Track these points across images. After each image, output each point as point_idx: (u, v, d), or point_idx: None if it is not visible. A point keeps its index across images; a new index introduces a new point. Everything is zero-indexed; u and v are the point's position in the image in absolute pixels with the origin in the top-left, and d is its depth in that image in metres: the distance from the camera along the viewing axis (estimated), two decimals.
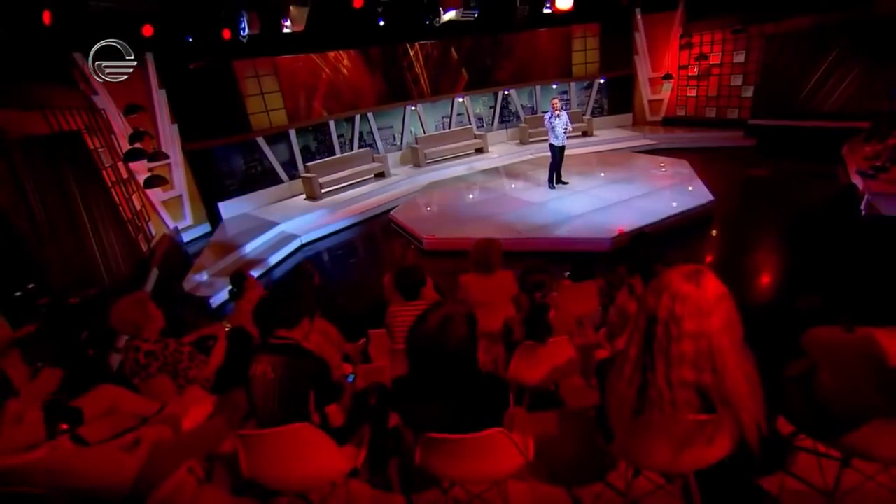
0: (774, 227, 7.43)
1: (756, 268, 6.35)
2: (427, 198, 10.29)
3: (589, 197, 8.70)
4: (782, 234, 7.08)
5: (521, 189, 9.76)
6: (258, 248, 8.65)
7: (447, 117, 13.76)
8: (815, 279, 5.56)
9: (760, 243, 7.04)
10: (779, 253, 6.59)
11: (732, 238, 7.22)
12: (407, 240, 8.43)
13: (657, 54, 13.35)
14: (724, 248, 6.97)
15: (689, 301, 1.54)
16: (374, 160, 11.95)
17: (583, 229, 7.41)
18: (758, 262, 6.48)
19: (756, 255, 6.68)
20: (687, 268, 1.62)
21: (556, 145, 9.10)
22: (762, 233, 7.35)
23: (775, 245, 6.87)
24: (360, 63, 11.90)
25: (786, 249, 6.57)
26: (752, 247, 6.93)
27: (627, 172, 10.07)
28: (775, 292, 5.54)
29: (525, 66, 13.63)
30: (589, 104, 14.46)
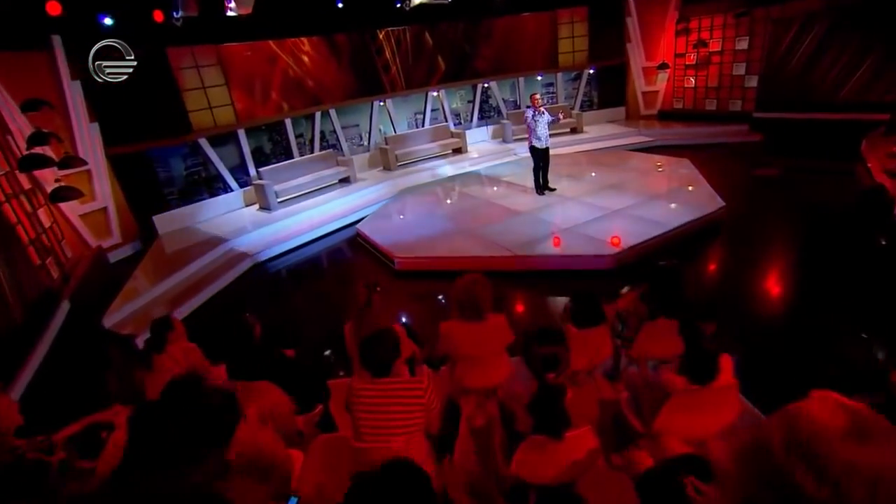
0: (795, 236, 6.95)
1: (780, 286, 5.79)
2: (399, 207, 9.66)
3: (582, 205, 8.19)
4: (805, 245, 6.59)
5: (505, 196, 9.18)
6: (202, 270, 7.85)
7: (420, 114, 13.14)
8: (848, 297, 5.04)
9: (782, 257, 6.53)
10: (803, 268, 6.06)
11: (749, 251, 6.70)
12: (376, 258, 7.71)
13: (651, 41, 13.06)
14: (741, 264, 6.41)
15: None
16: (337, 164, 11.28)
17: (579, 243, 6.87)
18: (781, 280, 5.93)
19: (779, 271, 6.14)
20: (841, 412, 0.92)
21: (539, 147, 8.49)
22: (782, 244, 6.87)
23: (799, 258, 6.35)
24: (324, 52, 11.23)
25: (811, 263, 6.05)
26: (772, 261, 6.42)
27: (623, 174, 9.61)
28: (802, 315, 4.99)
29: (506, 56, 13.16)
30: (577, 97, 14.10)
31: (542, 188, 8.87)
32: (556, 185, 9.08)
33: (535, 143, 8.54)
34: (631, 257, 6.46)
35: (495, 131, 13.71)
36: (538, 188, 8.88)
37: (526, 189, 9.29)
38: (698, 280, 6.12)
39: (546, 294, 6.27)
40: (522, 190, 9.34)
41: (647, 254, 6.51)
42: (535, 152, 8.63)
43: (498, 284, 3.74)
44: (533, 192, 8.94)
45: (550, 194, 8.83)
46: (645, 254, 6.52)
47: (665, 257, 5.96)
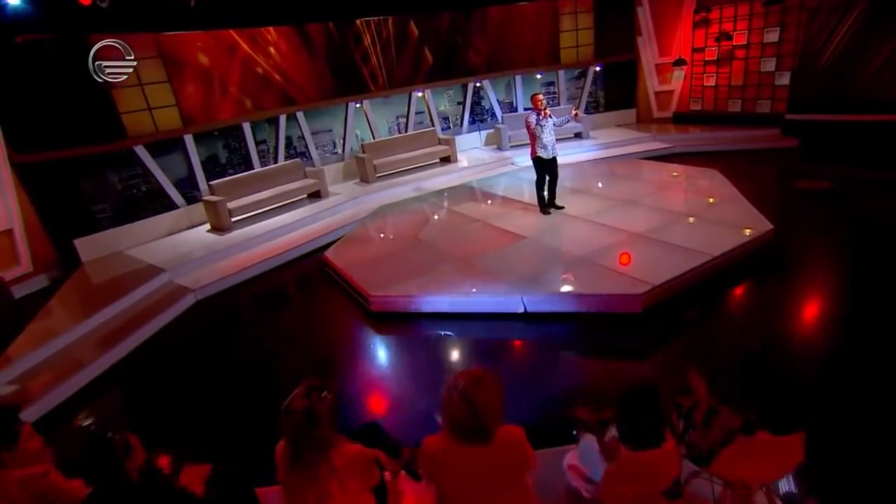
0: (866, 266, 5.85)
1: (855, 329, 4.65)
2: (376, 229, 8.58)
3: (595, 227, 7.18)
4: (883, 278, 5.50)
5: (503, 215, 8.13)
6: (130, 309, 6.70)
7: (403, 117, 12.22)
8: None
9: (852, 292, 5.38)
10: (884, 306, 4.97)
11: (810, 286, 5.63)
12: (348, 294, 6.58)
13: (666, 35, 12.41)
14: (802, 304, 5.32)
15: None
16: (305, 175, 10.28)
17: (595, 278, 5.78)
18: (856, 322, 4.78)
19: (851, 311, 4.98)
20: None
21: (545, 158, 7.52)
22: (851, 276, 5.75)
23: (877, 294, 5.24)
24: (295, 43, 10.25)
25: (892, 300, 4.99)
26: (841, 298, 5.29)
27: (640, 188, 8.67)
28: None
29: (501, 51, 12.38)
30: (582, 98, 13.32)
31: (548, 206, 7.90)
32: (563, 201, 8.08)
33: (541, 153, 7.55)
34: (662, 296, 5.39)
35: (489, 137, 12.87)
36: (542, 206, 7.90)
37: (527, 207, 8.29)
38: (749, 329, 5.02)
39: (557, 347, 5.14)
40: (523, 208, 8.34)
41: (682, 292, 5.48)
42: (540, 164, 7.65)
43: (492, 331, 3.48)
44: (535, 209, 7.94)
45: (557, 213, 7.85)
46: (680, 292, 5.48)
47: (702, 299, 4.87)
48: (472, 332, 5.52)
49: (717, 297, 5.54)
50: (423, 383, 4.75)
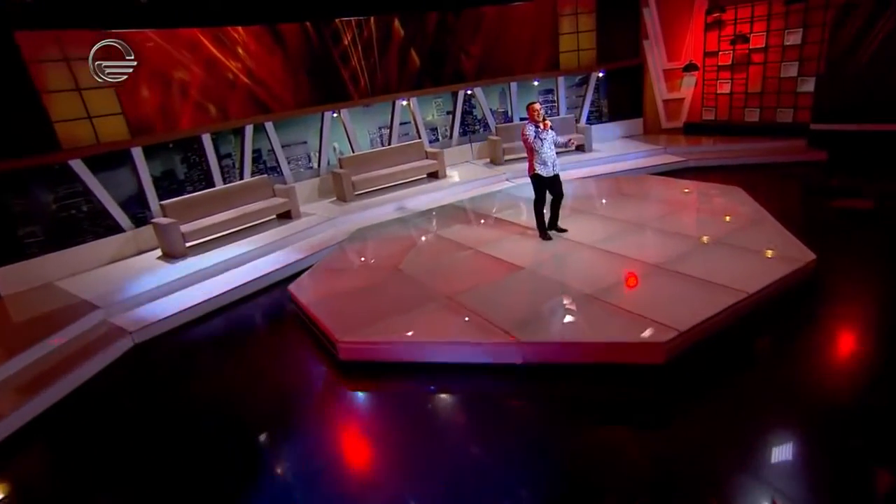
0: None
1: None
2: (351, 257, 7.76)
3: (603, 257, 6.37)
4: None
5: (497, 240, 7.36)
6: (56, 352, 5.90)
7: (386, 127, 11.70)
8: None
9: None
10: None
11: (866, 329, 4.79)
12: (315, 337, 5.75)
13: (675, 38, 12.02)
14: (858, 353, 4.47)
15: None
16: (274, 194, 9.53)
17: (607, 320, 4.92)
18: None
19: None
20: None
21: (546, 176, 6.85)
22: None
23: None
24: (267, 44, 9.65)
25: None
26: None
27: (652, 209, 7.91)
28: None
29: (495, 55, 11.92)
30: (583, 107, 12.83)
31: (549, 229, 7.18)
32: (565, 223, 7.37)
33: (540, 170, 6.85)
34: (689, 343, 4.56)
35: (482, 150, 12.23)
36: (542, 230, 7.15)
37: (525, 231, 7.53)
38: (803, 388, 4.18)
39: (561, 408, 4.27)
40: (520, 231, 7.57)
41: (712, 338, 4.65)
42: (540, 182, 6.94)
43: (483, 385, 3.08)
44: (534, 233, 7.21)
45: (559, 238, 7.09)
46: (709, 339, 4.65)
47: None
48: (458, 387, 4.70)
49: (754, 344, 4.70)
50: (397, 456, 3.90)
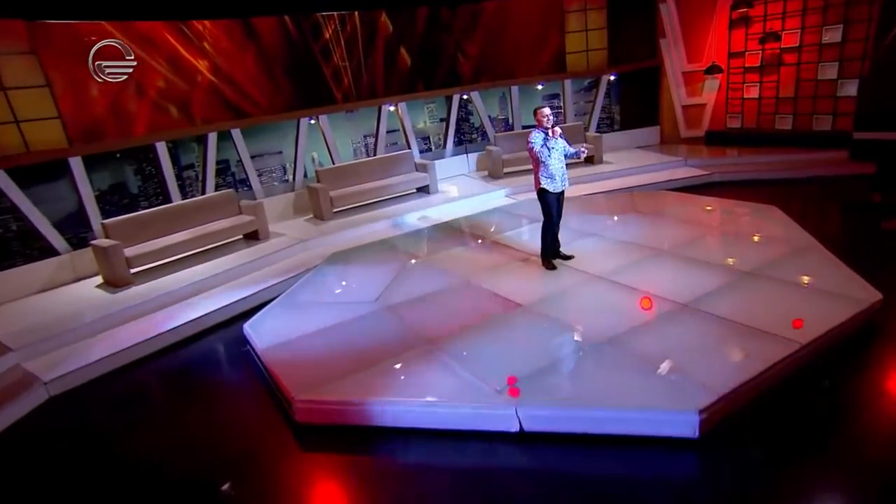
0: None
1: None
2: (322, 289, 6.97)
3: (618, 293, 5.63)
4: None
5: (493, 269, 6.66)
6: None
7: (372, 136, 11.11)
8: None
9: None
10: None
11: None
12: (270, 389, 4.98)
13: (696, 36, 11.61)
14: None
15: None
16: (240, 211, 8.85)
17: (627, 380, 4.08)
18: None
19: None
20: None
21: (553, 192, 6.25)
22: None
23: None
24: (238, 39, 9.16)
25: None
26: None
27: (674, 232, 7.23)
28: None
29: (494, 56, 11.49)
30: (593, 114, 12.36)
31: (553, 257, 6.52)
32: (571, 248, 6.71)
33: (548, 185, 6.19)
34: (729, 410, 3.78)
35: (480, 161, 11.73)
36: (546, 258, 6.46)
37: (526, 257, 6.81)
38: None
39: (566, 490, 3.42)
40: (521, 258, 6.85)
41: (757, 403, 3.89)
42: (548, 200, 6.28)
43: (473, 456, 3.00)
44: (536, 261, 6.56)
45: (564, 267, 6.41)
46: (754, 403, 3.88)
47: None
48: (441, 458, 3.88)
49: (810, 411, 3.84)
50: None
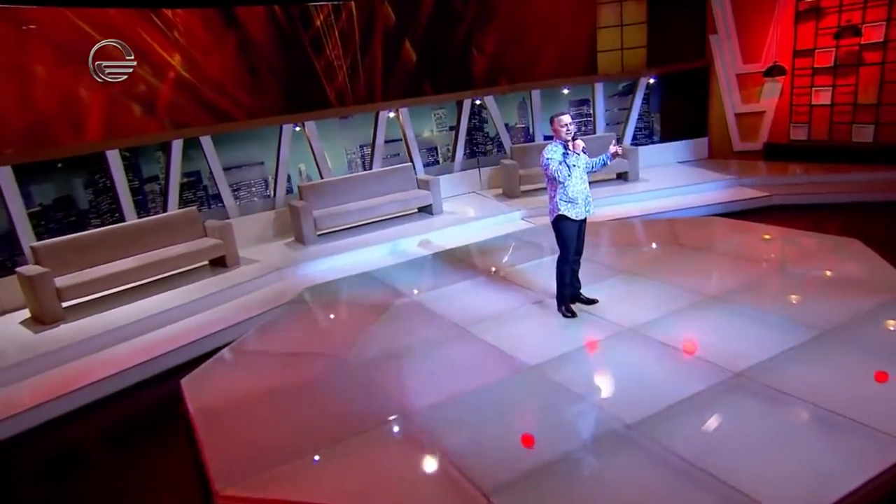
0: None
1: None
2: (285, 334, 6.39)
3: (653, 350, 5.00)
4: None
5: (497, 315, 5.98)
6: None
7: (367, 145, 10.79)
8: None
9: None
10: None
11: None
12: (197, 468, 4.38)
13: (754, 31, 11.09)
14: None
15: None
16: (205, 233, 8.32)
17: (673, 487, 3.28)
18: None
19: None
20: None
21: (574, 219, 5.60)
22: None
23: None
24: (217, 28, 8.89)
25: None
26: None
27: (728, 271, 6.71)
28: None
29: (514, 54, 11.18)
30: (628, 123, 11.88)
31: (573, 301, 5.86)
32: (595, 289, 6.06)
33: (568, 210, 5.50)
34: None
35: (493, 177, 11.24)
36: (564, 303, 5.75)
37: (541, 298, 6.13)
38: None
39: None
40: (535, 300, 6.15)
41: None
42: (566, 228, 5.61)
43: None
44: (551, 304, 5.87)
45: (586, 314, 5.72)
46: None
47: None
48: None
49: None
50: None
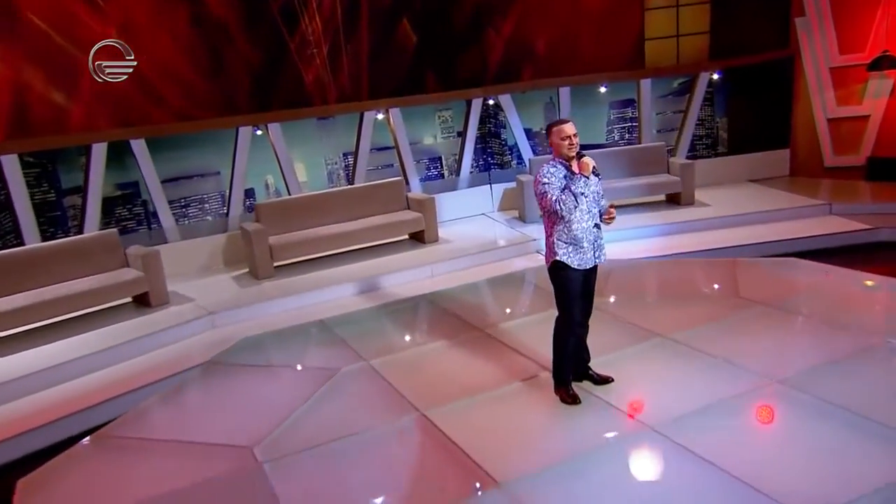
0: None
1: None
2: (189, 410, 6.16)
3: (694, 469, 4.19)
4: None
5: (471, 396, 5.41)
6: None
7: (350, 154, 10.50)
8: None
9: None
10: None
11: None
12: None
13: (853, 13, 10.51)
14: None
15: None
16: (126, 262, 7.95)
17: None
18: None
19: None
20: None
21: (579, 269, 4.94)
22: None
23: None
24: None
25: None
26: None
27: (806, 344, 5.90)
28: None
29: (538, 40, 10.77)
30: (684, 131, 11.41)
31: (578, 378, 5.25)
32: (612, 359, 5.56)
33: (568, 257, 4.86)
34: None
35: (507, 197, 10.83)
36: (564, 382, 5.06)
37: (537, 371, 5.55)
38: None
39: None
40: (529, 374, 5.57)
41: None
42: (567, 281, 4.97)
43: None
44: (547, 379, 5.32)
45: (593, 397, 5.14)
46: None
47: None
48: None
49: None
50: None
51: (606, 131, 11.28)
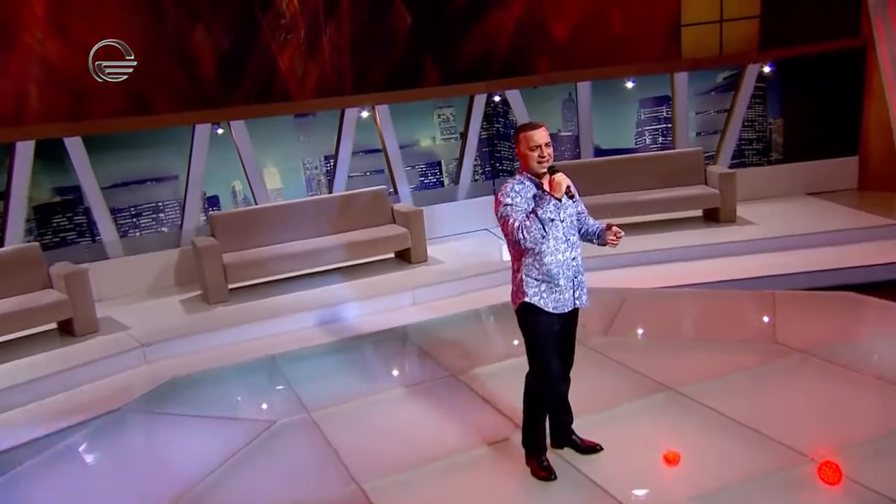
0: None
1: None
2: (82, 472, 5.73)
3: None
4: None
5: (425, 465, 5.14)
6: None
7: (331, 157, 10.38)
8: None
9: None
10: None
11: None
12: None
13: None
14: None
15: None
16: (50, 283, 7.76)
17: None
18: None
19: None
20: None
21: (552, 312, 4.56)
22: None
23: None
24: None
25: None
26: None
27: (862, 406, 5.52)
28: None
29: (552, 24, 10.63)
30: (727, 134, 11.12)
31: (557, 445, 4.97)
32: (603, 419, 5.37)
33: (539, 298, 4.51)
34: None
35: None
36: (537, 453, 4.68)
37: (513, 431, 5.27)
38: None
39: None
40: (497, 438, 5.25)
41: None
42: (539, 326, 4.60)
43: None
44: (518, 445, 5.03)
45: (574, 471, 4.79)
46: None
47: None
48: None
49: None
50: None
51: (636, 133, 11.00)
